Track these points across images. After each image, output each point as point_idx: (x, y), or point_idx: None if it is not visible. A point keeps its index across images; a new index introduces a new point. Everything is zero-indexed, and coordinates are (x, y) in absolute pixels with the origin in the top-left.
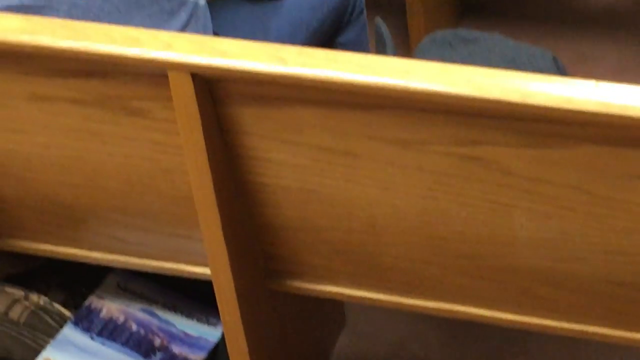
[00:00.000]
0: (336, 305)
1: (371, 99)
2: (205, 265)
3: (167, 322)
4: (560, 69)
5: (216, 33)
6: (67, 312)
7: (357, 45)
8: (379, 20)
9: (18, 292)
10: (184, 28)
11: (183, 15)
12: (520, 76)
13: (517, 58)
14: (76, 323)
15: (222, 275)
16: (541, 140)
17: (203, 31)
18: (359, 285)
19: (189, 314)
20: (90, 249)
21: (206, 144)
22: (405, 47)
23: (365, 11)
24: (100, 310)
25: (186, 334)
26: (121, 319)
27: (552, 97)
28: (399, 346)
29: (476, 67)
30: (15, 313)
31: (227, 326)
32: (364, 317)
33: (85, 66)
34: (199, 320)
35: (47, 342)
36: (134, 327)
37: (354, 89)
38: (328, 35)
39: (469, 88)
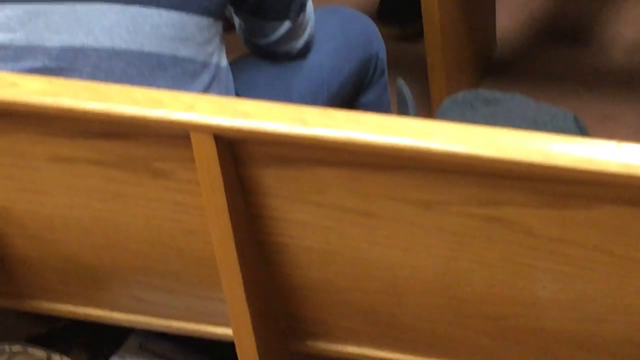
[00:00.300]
0: None
1: (393, 159)
2: (227, 326)
3: None
4: (581, 130)
5: (238, 94)
6: None
7: (379, 106)
8: (400, 81)
9: (40, 353)
10: (206, 89)
11: (205, 77)
12: (542, 137)
13: (539, 118)
14: None
15: (244, 336)
16: (563, 201)
17: (225, 92)
18: (380, 345)
19: None
20: (112, 309)
21: (228, 205)
22: (427, 108)
23: (386, 72)
24: None
25: None
26: None
27: (573, 158)
28: None
29: (497, 127)
30: None
31: None
32: None
33: (108, 127)
34: None
35: None
36: None
37: (375, 150)
38: (349, 96)
39: (491, 149)
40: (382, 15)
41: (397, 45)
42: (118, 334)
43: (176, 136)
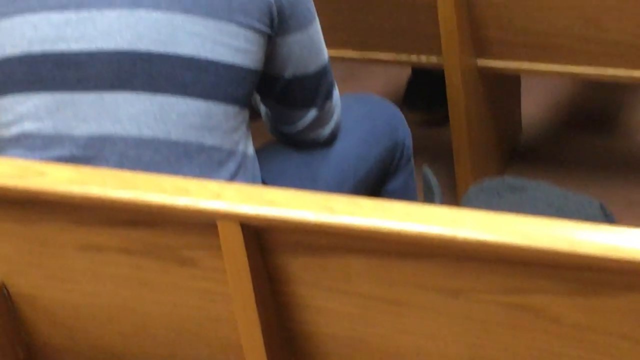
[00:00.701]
0: None
1: (419, 248)
2: None
3: None
4: (608, 217)
5: (264, 182)
6: None
7: (405, 193)
8: (426, 168)
9: None
10: (232, 177)
11: (232, 165)
12: (568, 225)
13: (565, 206)
14: None
15: None
16: (590, 289)
17: (252, 180)
18: None
19: None
20: None
21: (255, 293)
22: (453, 195)
23: (412, 159)
24: None
25: None
26: None
27: (600, 246)
28: None
29: (524, 215)
30: None
31: None
32: None
33: (135, 216)
34: None
35: None
36: None
37: (402, 238)
38: (376, 182)
39: (517, 237)
40: (408, 100)
41: (423, 130)
42: None
43: (203, 224)
